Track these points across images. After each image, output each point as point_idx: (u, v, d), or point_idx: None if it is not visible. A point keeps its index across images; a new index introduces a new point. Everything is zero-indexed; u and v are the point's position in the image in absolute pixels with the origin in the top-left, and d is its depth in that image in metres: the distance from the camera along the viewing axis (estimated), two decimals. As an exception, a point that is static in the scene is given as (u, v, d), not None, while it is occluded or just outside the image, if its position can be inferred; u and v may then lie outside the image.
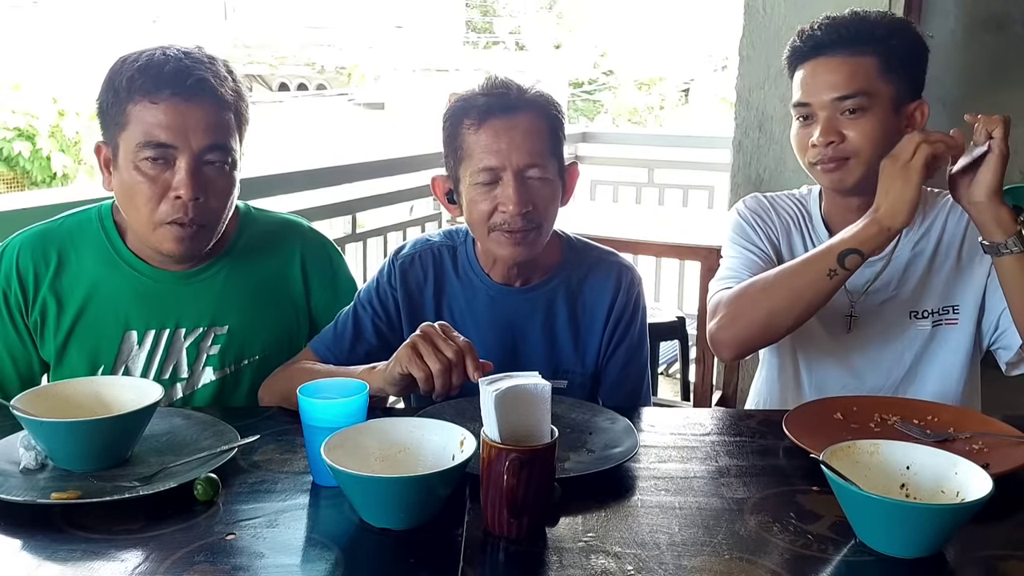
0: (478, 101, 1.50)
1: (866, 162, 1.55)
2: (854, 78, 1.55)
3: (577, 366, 1.63)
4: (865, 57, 1.55)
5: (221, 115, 1.48)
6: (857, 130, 1.55)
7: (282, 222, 1.72)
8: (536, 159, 1.48)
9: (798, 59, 1.62)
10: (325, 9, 22.33)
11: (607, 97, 22.64)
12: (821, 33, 1.58)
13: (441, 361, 1.30)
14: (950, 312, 1.65)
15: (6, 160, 11.14)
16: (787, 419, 1.37)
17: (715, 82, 20.39)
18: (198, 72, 1.45)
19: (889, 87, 1.56)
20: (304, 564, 1.02)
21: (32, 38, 14.76)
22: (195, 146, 1.45)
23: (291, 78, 23.16)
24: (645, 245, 3.27)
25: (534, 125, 1.49)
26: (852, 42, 1.55)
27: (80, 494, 1.12)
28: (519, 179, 1.48)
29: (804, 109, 1.60)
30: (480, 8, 25.63)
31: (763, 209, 1.75)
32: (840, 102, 1.55)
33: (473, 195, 1.50)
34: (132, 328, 1.56)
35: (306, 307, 1.69)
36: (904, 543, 1.02)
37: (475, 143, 1.49)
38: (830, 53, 1.57)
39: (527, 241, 1.51)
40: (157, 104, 1.44)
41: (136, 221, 1.51)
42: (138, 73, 1.44)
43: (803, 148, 1.62)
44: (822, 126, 1.57)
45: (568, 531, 1.09)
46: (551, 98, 1.55)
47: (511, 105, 1.49)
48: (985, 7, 3.38)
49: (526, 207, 1.48)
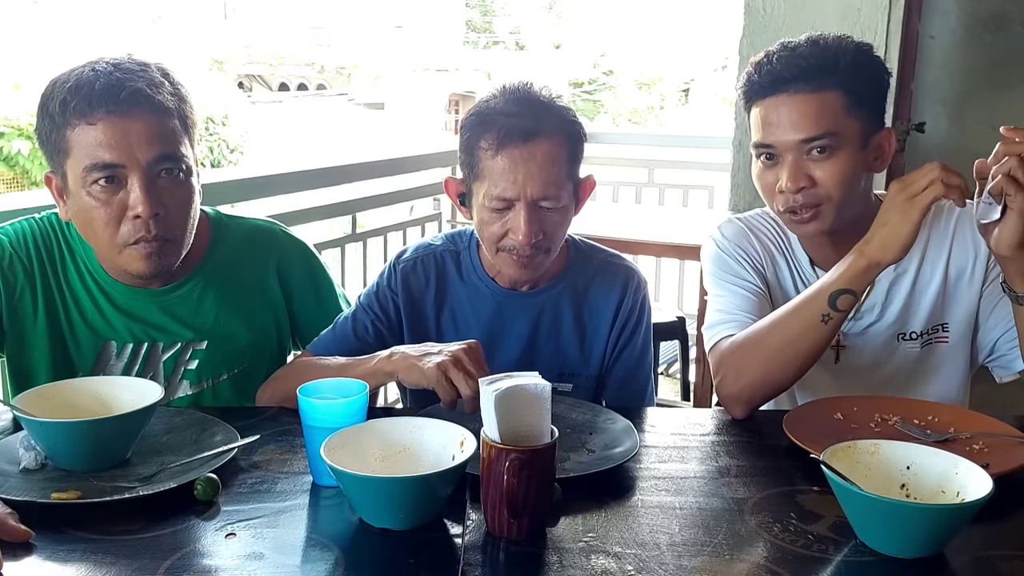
0: (497, 121, 1.45)
1: (838, 205, 1.48)
2: (821, 118, 1.44)
3: (582, 369, 1.63)
4: (830, 92, 1.44)
5: (164, 123, 1.42)
6: (827, 171, 1.46)
7: (256, 229, 1.68)
8: (551, 190, 1.45)
9: (756, 94, 1.50)
10: (325, 9, 22.33)
11: (607, 97, 22.64)
12: (780, 66, 1.46)
13: (472, 388, 1.28)
14: (940, 330, 1.60)
15: (6, 160, 11.13)
16: (787, 419, 1.36)
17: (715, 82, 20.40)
18: (130, 84, 1.39)
19: (856, 123, 1.46)
20: (304, 564, 1.02)
21: (32, 37, 14.77)
22: (143, 160, 1.40)
23: (291, 78, 23.15)
24: (645, 245, 3.27)
25: (552, 152, 1.45)
26: (814, 76, 1.44)
27: (80, 494, 1.12)
28: (531, 209, 1.45)
29: (767, 150, 1.50)
30: (480, 8, 25.63)
31: (743, 237, 1.65)
32: (807, 143, 1.45)
33: (484, 216, 1.49)
34: (111, 339, 1.55)
35: (287, 315, 1.67)
36: (904, 543, 1.02)
37: (491, 167, 1.45)
38: (792, 89, 1.45)
39: (534, 264, 1.51)
40: (94, 125, 1.38)
41: (99, 246, 1.47)
42: (69, 95, 1.38)
43: (770, 192, 1.52)
44: (789, 170, 1.46)
45: (568, 531, 1.09)
46: (571, 116, 1.51)
47: (531, 131, 1.44)
48: (985, 7, 3.38)
49: (537, 236, 1.46)
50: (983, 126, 3.40)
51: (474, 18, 25.51)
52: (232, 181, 2.78)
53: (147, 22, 18.44)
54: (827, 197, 1.47)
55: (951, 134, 3.38)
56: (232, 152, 13.52)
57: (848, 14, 2.88)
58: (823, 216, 1.49)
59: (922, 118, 3.23)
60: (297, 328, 1.70)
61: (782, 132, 1.47)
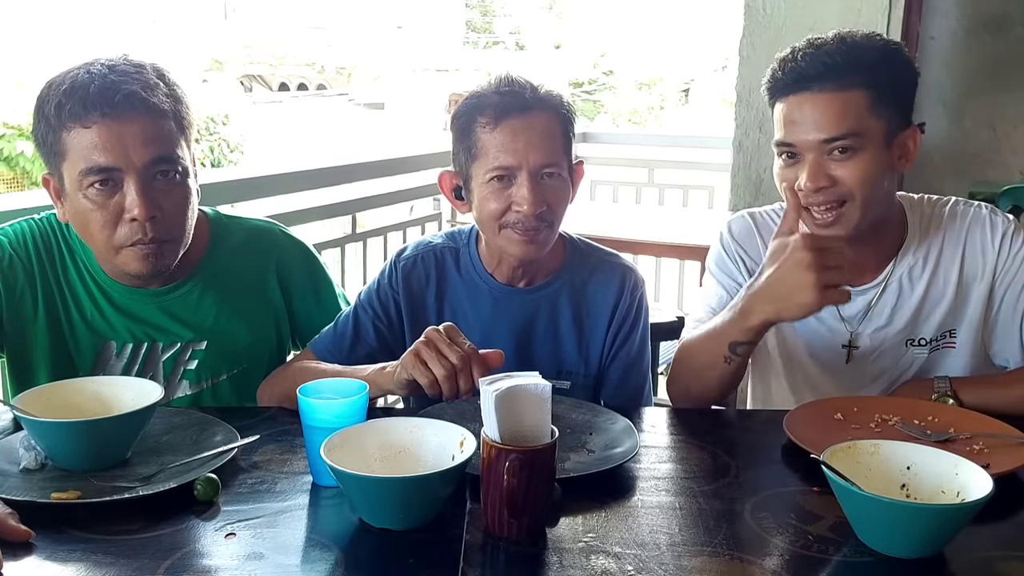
0: (492, 100, 1.49)
1: (861, 205, 1.45)
2: (844, 117, 1.42)
3: (580, 367, 1.63)
4: (854, 91, 1.42)
5: (159, 125, 1.42)
6: (848, 171, 1.44)
7: (255, 229, 1.68)
8: (552, 158, 1.48)
9: (780, 91, 1.48)
10: (325, 9, 22.33)
11: (607, 97, 22.62)
12: (805, 64, 1.44)
13: (445, 367, 1.29)
14: (947, 336, 1.59)
15: (6, 160, 11.13)
16: (787, 419, 1.36)
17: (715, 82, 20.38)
18: (125, 87, 1.38)
19: (880, 122, 1.44)
20: (304, 564, 1.02)
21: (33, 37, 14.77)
22: (139, 163, 1.40)
23: (291, 78, 23.15)
24: (645, 245, 3.27)
25: (549, 125, 1.49)
26: (840, 74, 1.42)
27: (80, 494, 1.12)
28: (534, 179, 1.47)
29: (788, 148, 1.48)
30: (480, 8, 25.62)
31: (747, 234, 1.65)
32: (829, 143, 1.43)
33: (486, 192, 1.50)
34: (111, 339, 1.55)
35: (287, 315, 1.67)
36: (904, 543, 1.02)
37: (490, 142, 1.48)
38: (816, 88, 1.43)
39: (539, 239, 1.51)
40: (89, 128, 1.38)
41: (97, 248, 1.47)
42: (65, 98, 1.38)
43: (790, 190, 1.49)
44: (809, 169, 1.44)
45: (568, 531, 1.09)
46: (563, 98, 1.55)
47: (527, 104, 1.48)
48: (985, 8, 3.38)
49: (541, 207, 1.48)
50: (983, 126, 3.40)
51: (474, 18, 25.50)
52: (232, 181, 2.78)
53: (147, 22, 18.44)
54: (849, 195, 1.45)
55: (951, 134, 3.38)
56: (232, 152, 13.52)
57: (848, 14, 2.88)
58: (846, 218, 1.46)
59: (922, 118, 3.21)
60: (297, 328, 1.70)
61: (804, 131, 1.45)
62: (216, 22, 21.42)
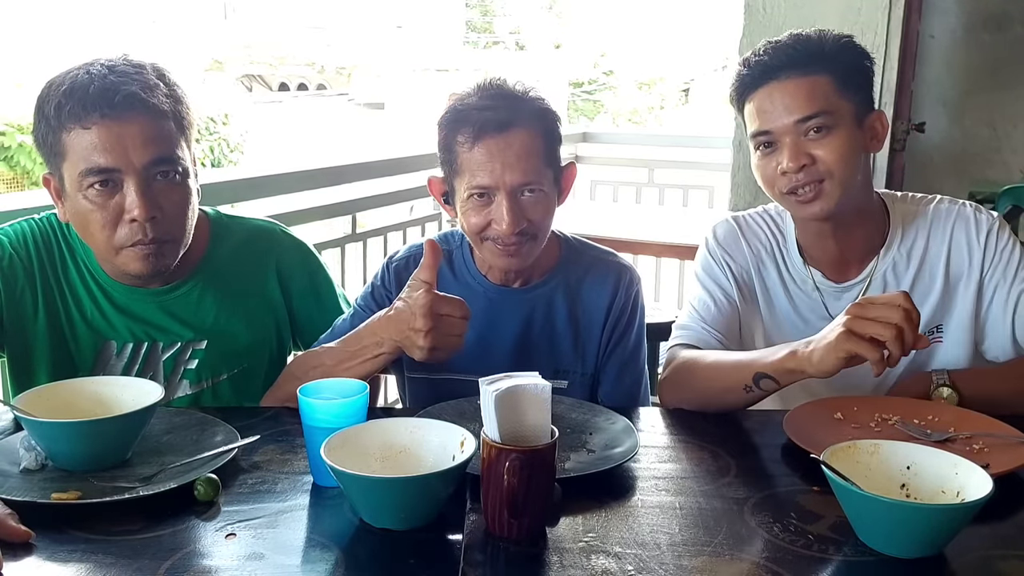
0: (471, 116, 1.47)
1: (841, 182, 1.49)
2: (813, 97, 1.47)
3: (577, 366, 1.63)
4: (819, 76, 1.48)
5: (159, 126, 1.42)
6: (826, 149, 1.48)
7: (256, 229, 1.68)
8: (530, 177, 1.47)
9: (748, 88, 1.54)
10: (325, 9, 22.33)
11: (607, 97, 22.63)
12: (768, 58, 1.50)
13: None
14: (934, 332, 1.60)
15: (6, 160, 11.13)
16: (787, 419, 1.37)
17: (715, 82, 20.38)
18: (125, 87, 1.38)
19: (849, 104, 1.50)
20: (304, 564, 1.02)
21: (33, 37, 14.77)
22: (139, 164, 1.40)
23: (291, 78, 23.14)
24: (645, 245, 3.27)
25: (528, 141, 1.47)
26: (803, 63, 1.48)
27: (80, 494, 1.12)
28: (512, 198, 1.47)
29: (765, 137, 1.52)
30: (480, 8, 25.62)
31: (733, 240, 1.67)
32: (803, 123, 1.48)
33: (467, 207, 1.51)
34: (111, 339, 1.55)
35: (287, 315, 1.67)
36: (904, 543, 1.02)
37: (469, 160, 1.48)
38: (783, 76, 1.49)
39: (521, 252, 1.51)
40: (89, 129, 1.38)
41: (97, 248, 1.47)
42: (64, 99, 1.38)
43: (770, 179, 1.54)
44: (789, 151, 1.49)
45: (568, 531, 1.09)
46: (546, 105, 1.53)
47: (505, 123, 1.46)
48: (985, 7, 3.38)
49: (520, 224, 1.48)
50: (983, 126, 3.41)
51: (474, 18, 25.50)
52: (232, 181, 2.77)
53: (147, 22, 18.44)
54: (828, 173, 1.49)
55: (951, 134, 3.38)
56: (232, 152, 13.52)
57: (848, 14, 2.89)
58: (826, 194, 1.50)
59: (922, 118, 3.23)
60: (297, 328, 1.70)
61: (778, 117, 1.50)
62: (216, 22, 21.42)
